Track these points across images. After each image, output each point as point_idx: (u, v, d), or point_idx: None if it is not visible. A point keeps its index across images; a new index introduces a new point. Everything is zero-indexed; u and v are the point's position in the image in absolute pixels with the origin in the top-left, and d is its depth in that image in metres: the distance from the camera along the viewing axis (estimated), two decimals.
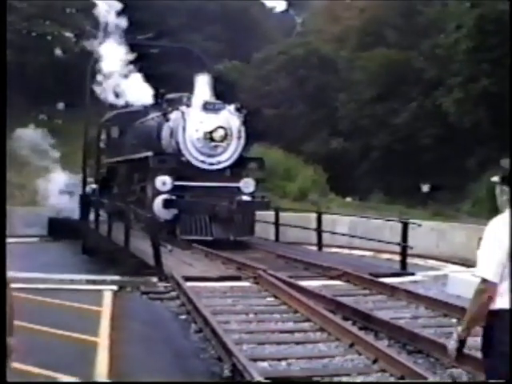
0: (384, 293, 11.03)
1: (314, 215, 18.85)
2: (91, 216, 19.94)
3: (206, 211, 16.51)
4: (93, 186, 24.20)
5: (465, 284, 9.73)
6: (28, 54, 39.66)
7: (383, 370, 6.72)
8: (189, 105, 17.59)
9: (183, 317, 9.13)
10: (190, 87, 18.34)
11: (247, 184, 17.66)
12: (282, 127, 39.78)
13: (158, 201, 16.73)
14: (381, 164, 36.32)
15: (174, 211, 16.74)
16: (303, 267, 13.60)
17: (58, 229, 22.59)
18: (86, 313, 8.42)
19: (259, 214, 18.43)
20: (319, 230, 18.16)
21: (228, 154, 17.47)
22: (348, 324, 8.44)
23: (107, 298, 9.57)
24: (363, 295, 11.00)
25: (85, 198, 22.08)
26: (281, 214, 20.19)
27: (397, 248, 14.50)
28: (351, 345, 7.54)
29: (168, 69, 36.94)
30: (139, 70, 22.67)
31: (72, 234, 20.97)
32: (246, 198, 17.38)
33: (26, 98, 36.56)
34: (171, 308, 9.69)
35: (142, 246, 13.62)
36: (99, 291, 10.19)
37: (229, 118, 17.43)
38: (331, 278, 12.26)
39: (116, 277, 11.99)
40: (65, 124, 37.23)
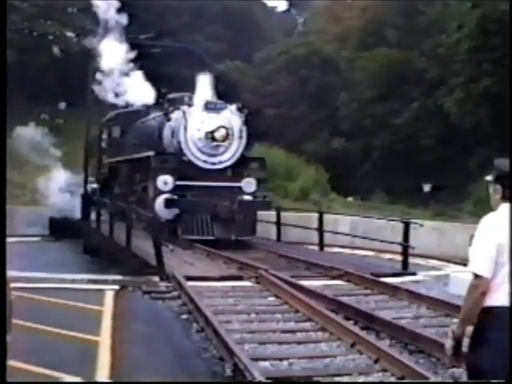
0: (386, 293, 11.03)
1: (316, 215, 18.85)
2: (92, 215, 19.95)
3: (208, 211, 16.51)
4: (93, 186, 24.20)
5: (466, 284, 9.68)
6: (29, 54, 39.62)
7: (385, 370, 6.72)
8: (190, 104, 17.60)
9: (185, 316, 9.13)
10: (192, 87, 18.36)
11: (249, 184, 17.66)
12: (284, 127, 39.79)
13: (160, 200, 16.74)
14: (382, 164, 36.32)
15: (176, 211, 16.74)
16: (305, 267, 13.60)
17: (60, 228, 22.57)
18: (88, 312, 8.42)
19: (261, 214, 18.44)
20: (321, 230, 18.17)
21: (229, 154, 17.47)
22: (349, 324, 8.44)
23: (109, 298, 9.57)
24: (365, 295, 11.00)
25: (86, 198, 22.07)
26: (282, 214, 20.20)
27: (398, 248, 14.50)
28: (353, 344, 7.54)
29: (169, 68, 36.94)
30: (140, 69, 22.64)
31: (73, 234, 20.96)
32: (248, 198, 17.38)
33: (28, 98, 36.55)
34: (173, 308, 9.68)
35: (144, 246, 13.62)
36: (101, 291, 10.19)
37: (230, 118, 17.43)
38: (333, 278, 12.27)
39: (118, 276, 12.01)
40: (66, 123, 37.19)
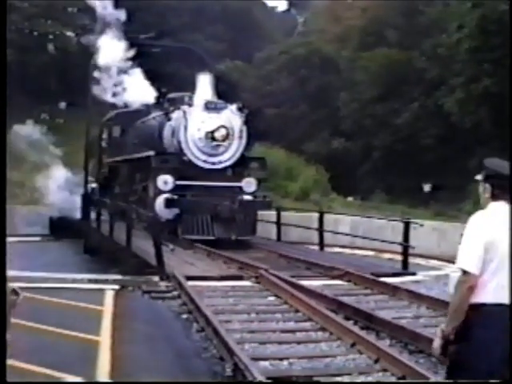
0: (386, 292, 11.03)
1: (316, 215, 18.84)
2: (92, 215, 19.95)
3: (208, 211, 16.51)
4: (92, 186, 24.18)
5: None
6: (29, 54, 39.68)
7: (385, 370, 6.72)
8: (191, 104, 17.60)
9: (185, 316, 9.13)
10: (192, 87, 18.36)
11: (249, 183, 17.66)
12: (284, 127, 39.79)
13: (160, 200, 16.74)
14: (382, 164, 36.32)
15: (176, 211, 16.74)
16: (305, 267, 13.60)
17: (60, 228, 22.57)
18: (88, 312, 8.42)
19: (261, 214, 18.44)
20: (321, 230, 18.17)
21: (230, 154, 17.47)
22: (350, 324, 8.44)
23: (109, 298, 9.57)
24: (365, 295, 11.00)
25: (86, 198, 22.07)
26: (282, 214, 20.19)
27: (398, 248, 14.50)
28: (353, 344, 7.54)
29: (170, 68, 36.99)
30: (140, 68, 22.63)
31: (74, 234, 20.96)
32: (248, 198, 17.38)
33: (28, 98, 36.57)
34: (173, 307, 9.68)
35: (144, 246, 13.62)
36: (101, 290, 10.19)
37: (230, 118, 17.43)
38: (333, 278, 12.26)
39: (118, 276, 12.02)
40: (66, 123, 37.21)
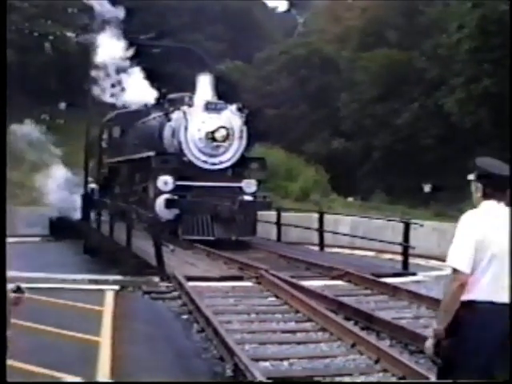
0: (386, 293, 11.03)
1: (316, 215, 18.85)
2: (92, 215, 19.94)
3: (208, 211, 16.51)
4: (92, 186, 24.17)
5: None
6: (30, 54, 39.65)
7: (385, 370, 6.73)
8: (191, 105, 17.61)
9: (185, 316, 9.13)
10: (192, 87, 18.36)
11: (249, 184, 17.66)
12: (284, 127, 39.77)
13: (160, 201, 16.74)
14: (382, 164, 36.29)
15: (176, 211, 16.74)
16: (305, 267, 13.60)
17: (60, 228, 22.56)
18: (88, 312, 8.43)
19: (261, 214, 18.44)
20: (321, 230, 18.17)
21: (230, 154, 17.47)
22: (350, 324, 8.45)
23: (109, 298, 9.57)
24: (365, 295, 11.01)
25: (86, 198, 22.07)
26: (282, 214, 20.19)
27: (399, 248, 14.50)
28: (353, 345, 7.54)
29: (170, 69, 36.94)
30: (140, 69, 22.65)
31: (74, 234, 20.96)
32: (248, 198, 17.38)
33: (28, 98, 36.54)
34: (173, 308, 9.69)
35: (144, 246, 13.63)
36: (101, 291, 10.19)
37: (231, 118, 17.43)
38: (333, 278, 12.26)
39: (118, 276, 12.01)
40: (66, 123, 37.20)
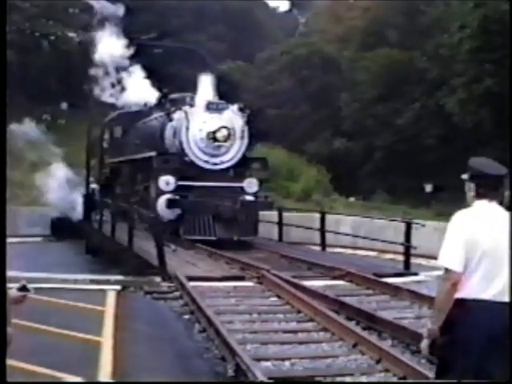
0: (387, 293, 11.01)
1: (318, 215, 18.84)
2: (94, 216, 19.97)
3: (210, 211, 16.51)
4: (93, 186, 24.17)
5: None
6: (31, 54, 39.68)
7: (387, 370, 6.72)
8: (192, 105, 17.62)
9: (187, 316, 9.12)
10: (194, 87, 18.36)
11: (250, 184, 17.65)
12: (285, 127, 39.80)
13: (162, 201, 16.73)
14: (384, 164, 36.31)
15: (178, 211, 16.74)
16: (307, 267, 13.58)
17: (61, 228, 22.59)
18: (90, 312, 8.42)
19: (262, 214, 18.43)
20: (322, 230, 18.16)
21: (231, 154, 17.47)
22: (351, 324, 8.44)
23: (111, 298, 9.56)
24: (366, 295, 10.99)
25: (88, 198, 22.09)
26: (284, 214, 20.17)
27: (400, 248, 14.49)
28: (355, 345, 7.53)
29: (171, 69, 36.97)
30: (141, 68, 22.66)
31: (75, 234, 20.98)
32: (250, 198, 17.37)
33: (29, 98, 36.57)
34: (175, 308, 9.68)
35: (146, 246, 13.63)
36: (103, 291, 10.18)
37: (232, 118, 17.43)
38: (334, 278, 12.24)
39: (119, 277, 12.02)
40: (68, 124, 37.23)
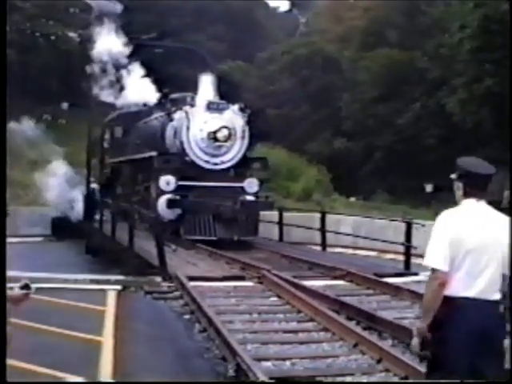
0: (388, 293, 11.01)
1: (318, 215, 18.85)
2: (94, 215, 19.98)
3: (210, 211, 16.51)
4: (93, 186, 24.17)
5: None
6: (31, 54, 39.68)
7: (387, 370, 6.72)
8: (193, 105, 17.62)
9: (187, 316, 9.12)
10: (194, 87, 18.36)
11: (251, 184, 17.65)
12: (286, 127, 39.80)
13: (162, 201, 16.74)
14: (384, 164, 36.31)
15: (178, 211, 16.75)
16: (307, 267, 13.58)
17: (62, 228, 22.60)
18: (90, 312, 8.42)
19: (263, 214, 18.43)
20: (323, 230, 18.16)
21: (232, 154, 17.47)
22: (352, 324, 8.44)
23: (111, 298, 9.56)
24: (367, 295, 10.98)
25: (88, 198, 22.10)
26: (285, 214, 20.18)
27: (401, 248, 14.49)
28: (355, 345, 7.53)
29: (172, 69, 36.93)
30: (140, 65, 22.67)
31: (76, 234, 20.99)
32: (250, 198, 17.38)
33: (30, 98, 36.56)
34: (175, 308, 9.69)
35: (146, 246, 13.64)
36: (103, 291, 10.18)
37: (232, 118, 17.43)
38: (335, 278, 12.24)
39: (120, 276, 12.02)
40: (69, 124, 37.23)
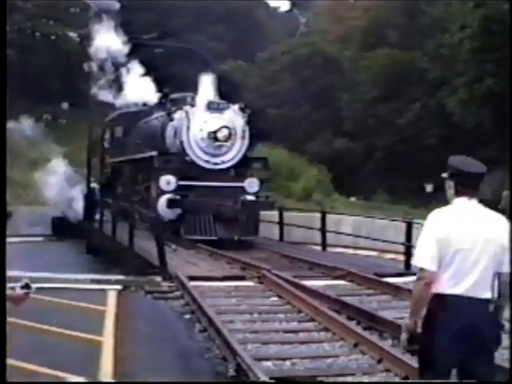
0: (388, 293, 11.00)
1: (319, 215, 18.84)
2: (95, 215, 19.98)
3: (211, 211, 16.51)
4: (93, 186, 24.17)
5: None
6: (32, 54, 39.69)
7: (388, 370, 6.71)
8: (193, 104, 17.63)
9: (187, 316, 9.12)
10: (194, 87, 18.36)
11: (251, 184, 17.65)
12: (286, 127, 39.81)
13: (163, 200, 16.74)
14: (385, 164, 36.31)
15: (179, 211, 16.74)
16: (307, 267, 13.58)
17: (62, 228, 22.60)
18: (91, 312, 8.42)
19: (263, 214, 18.43)
20: (323, 230, 18.16)
21: (232, 154, 17.47)
22: (352, 324, 8.43)
23: (111, 298, 9.57)
24: (367, 295, 10.98)
25: (89, 198, 22.10)
26: (285, 214, 20.17)
27: (401, 248, 14.49)
28: (355, 344, 7.52)
29: (172, 69, 36.95)
30: (140, 65, 22.70)
31: (76, 234, 20.99)
32: (251, 198, 17.38)
33: (30, 98, 36.58)
34: (175, 307, 9.68)
35: (147, 246, 13.63)
36: (103, 291, 10.19)
37: (233, 118, 17.43)
38: (335, 278, 12.24)
39: (120, 276, 12.02)
40: (69, 123, 37.24)
